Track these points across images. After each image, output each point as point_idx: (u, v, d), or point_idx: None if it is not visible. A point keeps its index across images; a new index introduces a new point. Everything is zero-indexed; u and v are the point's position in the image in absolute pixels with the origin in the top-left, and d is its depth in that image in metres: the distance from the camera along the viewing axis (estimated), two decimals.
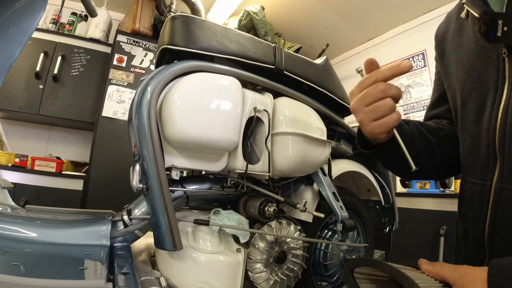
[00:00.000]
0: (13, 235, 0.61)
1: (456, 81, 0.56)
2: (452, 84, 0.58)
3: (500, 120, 0.46)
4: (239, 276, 0.72)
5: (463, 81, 0.54)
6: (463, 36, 0.56)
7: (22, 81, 2.03)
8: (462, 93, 0.54)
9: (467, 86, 0.53)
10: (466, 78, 0.53)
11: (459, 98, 0.56)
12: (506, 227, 0.46)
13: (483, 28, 0.45)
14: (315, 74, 0.94)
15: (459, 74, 0.55)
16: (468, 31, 0.54)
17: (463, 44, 0.55)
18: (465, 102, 0.54)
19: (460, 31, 0.57)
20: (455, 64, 0.57)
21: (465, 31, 0.55)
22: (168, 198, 0.66)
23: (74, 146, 2.48)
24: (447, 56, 0.61)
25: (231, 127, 0.71)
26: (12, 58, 0.68)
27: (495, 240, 0.48)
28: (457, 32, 0.58)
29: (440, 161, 0.63)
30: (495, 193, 0.48)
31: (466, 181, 0.56)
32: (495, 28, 0.44)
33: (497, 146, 0.47)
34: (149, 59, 2.16)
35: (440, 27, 0.65)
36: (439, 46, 0.64)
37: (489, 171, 0.49)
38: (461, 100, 0.55)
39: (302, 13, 2.67)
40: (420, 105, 2.50)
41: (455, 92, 0.57)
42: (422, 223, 1.86)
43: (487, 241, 0.49)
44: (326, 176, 0.94)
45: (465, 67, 0.54)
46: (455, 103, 0.57)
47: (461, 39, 0.56)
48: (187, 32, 0.73)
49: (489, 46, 0.49)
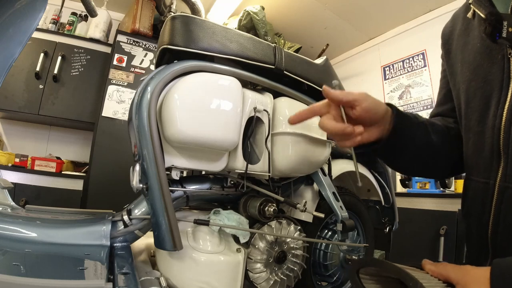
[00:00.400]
0: (13, 235, 0.61)
1: (462, 80, 0.57)
2: (457, 83, 0.59)
3: (504, 119, 0.47)
4: (239, 276, 0.72)
5: (469, 80, 0.54)
6: (469, 35, 0.56)
7: (22, 81, 2.03)
8: (467, 92, 0.55)
9: (472, 85, 0.53)
10: (471, 77, 0.54)
11: (464, 97, 0.56)
12: (509, 226, 0.47)
13: (488, 28, 0.46)
14: (315, 74, 0.94)
15: (465, 73, 0.56)
16: (474, 31, 0.54)
17: (469, 43, 0.56)
18: (469, 101, 0.54)
19: (467, 30, 0.57)
20: (461, 63, 0.57)
21: (471, 31, 0.56)
22: (168, 198, 0.66)
23: (74, 146, 2.48)
24: (453, 55, 0.61)
25: (231, 127, 0.71)
26: (12, 58, 0.68)
27: (498, 238, 0.48)
28: (463, 31, 0.58)
29: (446, 161, 0.63)
30: (499, 192, 0.48)
31: (470, 180, 0.56)
32: (500, 29, 0.45)
33: (501, 145, 0.47)
34: (149, 59, 2.16)
35: (446, 26, 0.66)
36: (445, 44, 0.65)
37: (493, 169, 0.49)
38: (466, 99, 0.55)
39: (302, 13, 2.67)
40: (420, 105, 2.50)
41: (459, 91, 0.58)
42: (422, 223, 1.86)
43: (490, 239, 0.49)
44: (326, 176, 0.94)
45: (470, 66, 0.54)
46: (460, 101, 0.58)
47: (467, 39, 0.56)
48: (187, 32, 0.73)
49: (495, 47, 0.49)
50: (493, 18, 0.45)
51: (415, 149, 0.58)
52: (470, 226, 0.56)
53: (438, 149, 0.60)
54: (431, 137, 0.59)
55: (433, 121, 0.63)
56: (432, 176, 0.72)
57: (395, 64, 2.75)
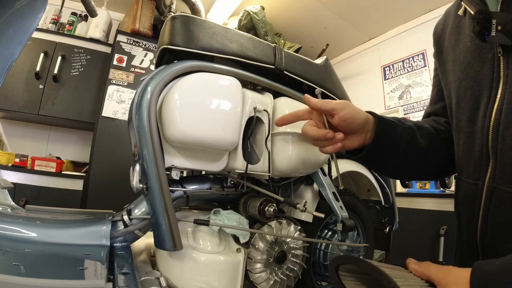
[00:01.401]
0: (13, 235, 0.61)
1: (453, 80, 0.56)
2: (448, 82, 0.58)
3: (493, 119, 0.46)
4: (239, 276, 0.72)
5: (459, 79, 0.54)
6: (460, 34, 0.55)
7: (22, 81, 2.03)
8: (457, 91, 0.54)
9: (463, 84, 0.53)
10: (462, 76, 0.53)
11: (454, 97, 0.56)
12: (497, 227, 0.46)
13: (477, 27, 0.45)
14: (315, 74, 0.94)
15: (456, 72, 0.55)
16: (466, 29, 0.54)
17: (460, 42, 0.55)
18: (460, 101, 0.54)
19: (458, 28, 0.56)
20: (452, 62, 0.57)
21: (463, 28, 0.55)
22: (168, 198, 0.66)
23: (74, 146, 2.48)
24: (445, 53, 0.60)
25: (231, 127, 0.71)
26: (12, 58, 0.68)
27: (486, 239, 0.48)
28: (455, 29, 0.57)
29: (435, 164, 0.63)
30: (487, 193, 0.48)
31: (460, 181, 0.56)
32: (489, 27, 0.44)
33: (490, 146, 0.47)
34: (149, 59, 2.16)
35: (438, 24, 0.65)
36: (437, 43, 0.64)
37: (482, 171, 0.49)
38: (457, 99, 0.55)
39: (302, 13, 2.67)
40: (420, 105, 2.50)
41: (451, 90, 0.57)
42: (422, 223, 1.86)
43: (479, 240, 0.49)
44: (326, 176, 0.94)
45: (461, 65, 0.54)
46: (451, 101, 0.57)
47: (458, 37, 0.56)
48: (187, 32, 0.73)
49: (485, 45, 0.48)
50: (482, 16, 0.44)
51: (401, 154, 0.58)
52: (461, 227, 0.56)
53: (426, 152, 0.60)
54: (418, 140, 0.59)
55: (421, 125, 0.62)
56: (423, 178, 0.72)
57: (395, 64, 2.75)
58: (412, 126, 0.60)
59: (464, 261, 0.55)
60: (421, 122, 0.65)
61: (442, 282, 0.39)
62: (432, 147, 0.60)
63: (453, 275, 0.38)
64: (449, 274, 0.39)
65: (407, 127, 0.59)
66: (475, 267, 0.37)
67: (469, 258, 0.53)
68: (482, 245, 0.49)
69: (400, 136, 0.57)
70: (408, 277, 0.41)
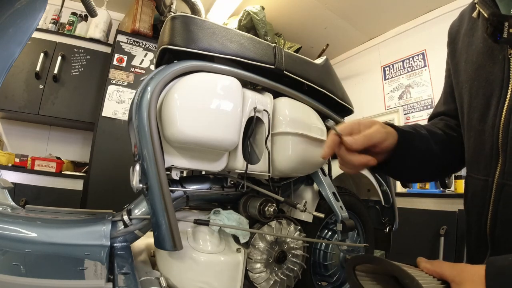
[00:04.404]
0: (13, 235, 0.61)
1: (465, 80, 0.58)
2: (460, 82, 0.60)
3: (503, 118, 0.48)
4: (239, 276, 0.72)
5: (472, 79, 0.56)
6: (474, 35, 0.57)
7: (22, 81, 2.03)
8: (470, 91, 0.56)
9: (475, 84, 0.55)
10: (474, 77, 0.55)
11: (466, 96, 0.57)
12: (506, 222, 0.48)
13: (490, 29, 0.47)
14: (315, 74, 0.94)
15: (468, 72, 0.57)
16: (479, 31, 0.56)
17: (473, 43, 0.57)
18: (472, 100, 0.56)
19: (472, 30, 0.58)
20: (465, 62, 0.59)
21: (476, 30, 0.57)
22: (168, 198, 0.66)
23: (74, 146, 2.48)
24: (458, 54, 0.62)
25: (231, 127, 0.71)
26: (12, 58, 0.68)
27: (496, 235, 0.49)
28: (469, 31, 0.59)
29: (446, 167, 0.65)
30: (497, 189, 0.49)
31: (470, 177, 0.57)
32: (501, 29, 0.46)
33: (500, 144, 0.49)
34: (149, 59, 2.16)
35: (453, 24, 0.67)
36: (451, 43, 0.66)
37: (492, 167, 0.50)
38: (469, 98, 0.57)
39: (302, 13, 2.67)
40: (420, 105, 2.50)
41: (462, 89, 0.59)
42: (422, 223, 1.86)
43: (488, 236, 0.50)
44: (326, 176, 0.94)
45: (473, 66, 0.56)
46: (462, 100, 0.59)
47: (472, 39, 0.58)
48: (187, 32, 0.73)
49: (496, 47, 0.50)
50: (495, 18, 0.46)
51: (418, 162, 0.60)
52: (470, 222, 0.57)
53: (439, 157, 0.62)
54: (432, 147, 0.61)
55: (434, 131, 0.64)
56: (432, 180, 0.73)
57: (395, 64, 2.75)
58: (427, 135, 0.61)
59: (473, 257, 0.56)
60: (432, 126, 0.66)
61: (456, 280, 0.38)
62: (445, 152, 0.62)
63: (467, 272, 0.38)
64: (463, 272, 0.39)
65: (424, 135, 0.61)
66: (488, 263, 0.37)
67: (477, 253, 0.54)
68: (491, 241, 0.50)
69: (418, 144, 0.59)
70: (423, 276, 0.41)
